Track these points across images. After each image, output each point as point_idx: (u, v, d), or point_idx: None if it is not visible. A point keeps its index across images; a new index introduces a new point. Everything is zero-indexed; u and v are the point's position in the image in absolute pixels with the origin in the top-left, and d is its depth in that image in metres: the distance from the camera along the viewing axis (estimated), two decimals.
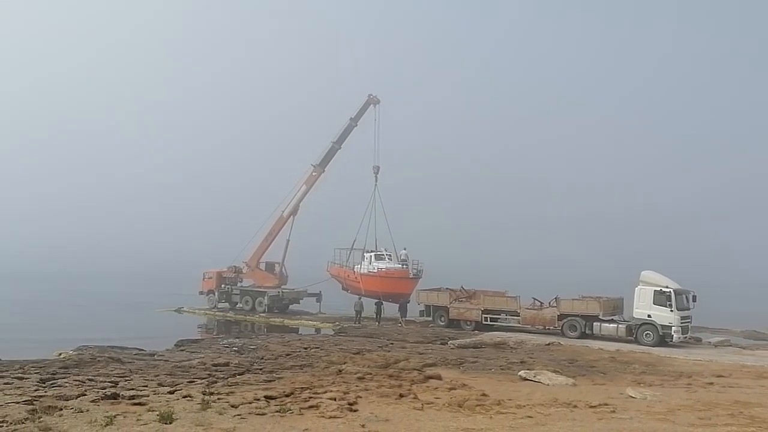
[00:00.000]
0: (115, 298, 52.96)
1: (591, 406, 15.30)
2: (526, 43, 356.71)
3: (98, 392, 15.39)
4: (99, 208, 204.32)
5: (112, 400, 14.78)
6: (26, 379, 17.21)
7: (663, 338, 30.19)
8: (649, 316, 30.64)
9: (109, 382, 17.10)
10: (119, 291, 60.17)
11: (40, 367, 19.13)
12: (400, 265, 42.52)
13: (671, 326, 30.11)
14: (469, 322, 35.52)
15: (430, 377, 19.18)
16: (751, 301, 65.40)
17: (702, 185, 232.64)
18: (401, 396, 16.26)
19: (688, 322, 31.13)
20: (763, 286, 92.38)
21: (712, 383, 20.08)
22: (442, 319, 36.50)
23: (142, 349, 25.03)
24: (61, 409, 13.47)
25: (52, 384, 16.63)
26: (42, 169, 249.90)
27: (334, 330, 36.07)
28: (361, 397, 15.81)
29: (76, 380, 17.14)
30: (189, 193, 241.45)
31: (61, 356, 22.70)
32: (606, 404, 15.59)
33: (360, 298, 39.62)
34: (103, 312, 44.40)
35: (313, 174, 45.96)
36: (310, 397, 15.55)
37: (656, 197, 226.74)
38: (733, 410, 15.17)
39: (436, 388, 17.72)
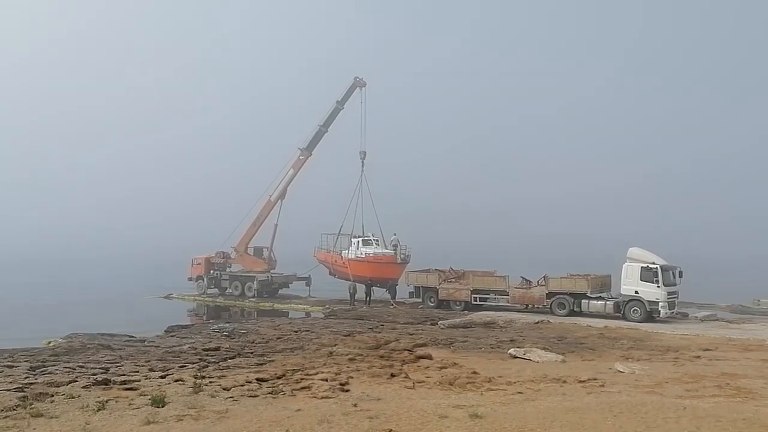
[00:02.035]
0: (102, 286, 52.62)
1: (580, 381, 15.45)
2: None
3: (89, 378, 15.35)
4: (71, 194, 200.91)
5: (104, 386, 14.73)
6: (16, 367, 17.14)
7: (650, 314, 30.53)
8: (636, 292, 30.97)
9: (99, 368, 17.07)
10: (104, 278, 59.75)
11: (30, 355, 19.08)
12: (387, 250, 42.53)
13: (658, 302, 30.47)
14: (458, 303, 35.73)
15: (421, 357, 19.26)
16: (736, 274, 66.12)
17: (685, 160, 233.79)
18: (392, 376, 16.34)
19: (674, 297, 31.53)
20: (748, 259, 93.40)
21: (698, 356, 20.35)
22: (432, 299, 36.68)
23: (132, 336, 24.99)
24: (53, 396, 13.43)
25: (42, 371, 16.57)
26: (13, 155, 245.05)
27: (324, 313, 36.14)
28: (352, 378, 15.87)
29: (66, 367, 17.10)
30: (172, 178, 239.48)
31: (51, 344, 22.63)
32: (595, 379, 15.73)
33: (353, 281, 39.76)
34: (89, 300, 44.09)
35: (300, 158, 45.76)
36: (302, 379, 15.59)
37: (640, 173, 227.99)
38: (720, 382, 15.37)
39: (427, 367, 17.82)
